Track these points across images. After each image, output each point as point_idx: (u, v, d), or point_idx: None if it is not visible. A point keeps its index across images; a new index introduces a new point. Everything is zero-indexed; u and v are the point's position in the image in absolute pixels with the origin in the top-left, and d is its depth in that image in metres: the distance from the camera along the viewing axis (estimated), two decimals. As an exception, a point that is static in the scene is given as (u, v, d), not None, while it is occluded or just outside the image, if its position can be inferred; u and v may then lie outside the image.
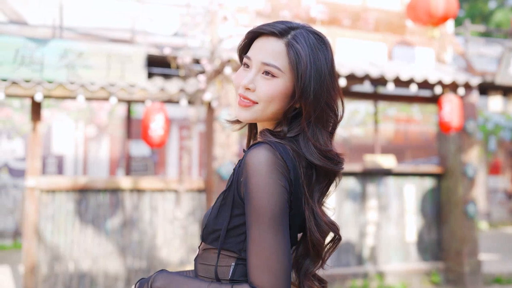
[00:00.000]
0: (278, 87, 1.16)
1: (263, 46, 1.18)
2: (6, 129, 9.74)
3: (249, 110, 1.19)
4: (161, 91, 5.14)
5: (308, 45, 1.16)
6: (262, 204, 1.09)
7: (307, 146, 1.18)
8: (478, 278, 6.15)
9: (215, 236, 1.19)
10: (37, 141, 5.13)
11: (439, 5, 4.91)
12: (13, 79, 4.66)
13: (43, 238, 5.08)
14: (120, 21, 5.44)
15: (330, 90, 1.18)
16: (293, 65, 1.15)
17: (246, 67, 1.21)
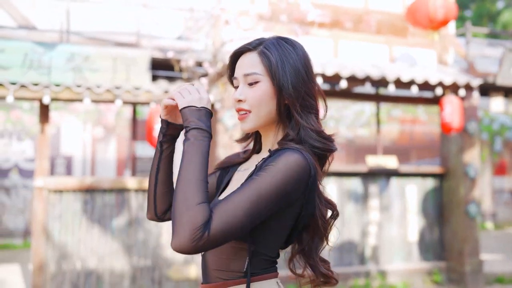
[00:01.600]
0: (262, 90, 1.32)
1: (242, 63, 1.36)
2: (16, 131, 9.93)
3: (247, 121, 1.34)
4: (165, 93, 5.26)
5: (278, 48, 1.34)
6: (267, 181, 1.19)
7: (307, 133, 1.31)
8: (479, 278, 6.20)
9: None
10: (45, 142, 5.28)
11: (438, 9, 4.98)
12: (21, 82, 4.80)
13: (51, 237, 5.22)
14: (125, 25, 5.57)
15: (306, 80, 1.33)
16: (268, 67, 1.32)
17: (236, 88, 1.38)
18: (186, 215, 1.12)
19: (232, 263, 1.29)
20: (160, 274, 5.52)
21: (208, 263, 1.34)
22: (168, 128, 1.39)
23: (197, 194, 1.15)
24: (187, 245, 1.11)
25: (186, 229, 1.11)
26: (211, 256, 1.33)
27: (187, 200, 1.14)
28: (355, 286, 5.99)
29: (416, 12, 5.19)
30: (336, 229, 1.48)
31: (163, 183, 1.42)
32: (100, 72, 5.04)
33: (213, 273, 1.33)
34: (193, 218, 1.11)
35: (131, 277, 5.43)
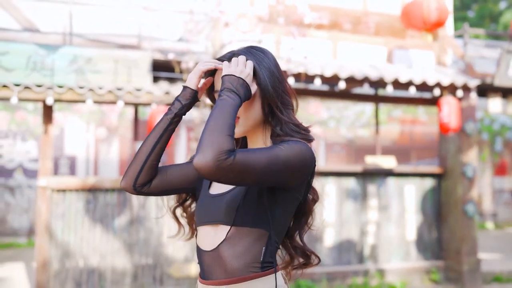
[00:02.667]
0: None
1: (220, 75, 1.44)
2: (21, 131, 10.05)
3: (237, 126, 1.41)
4: (166, 94, 5.35)
5: (251, 56, 1.44)
6: (285, 150, 1.30)
7: (289, 126, 1.41)
8: (477, 277, 6.26)
9: (245, 216, 1.34)
10: (48, 143, 5.38)
11: (431, 12, 5.05)
12: (25, 84, 4.91)
13: (54, 235, 5.32)
14: (127, 27, 5.67)
15: (281, 80, 1.45)
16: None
17: None
18: (215, 138, 1.19)
19: (249, 255, 1.34)
20: (161, 272, 5.61)
21: (224, 255, 1.35)
22: (192, 97, 1.43)
23: (227, 127, 1.23)
24: (211, 164, 1.17)
25: (213, 149, 1.17)
26: (226, 249, 1.35)
27: (218, 127, 1.21)
28: (354, 284, 6.06)
29: (410, 14, 5.27)
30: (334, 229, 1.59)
31: (155, 155, 1.43)
32: (102, 73, 5.14)
33: (228, 268, 1.34)
34: (221, 143, 1.19)
35: (132, 275, 5.52)
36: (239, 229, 1.35)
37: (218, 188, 1.45)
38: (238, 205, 1.35)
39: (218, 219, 1.38)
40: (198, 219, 1.45)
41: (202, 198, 1.46)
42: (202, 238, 1.42)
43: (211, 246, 1.38)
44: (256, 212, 1.35)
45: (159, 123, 1.43)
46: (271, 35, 5.42)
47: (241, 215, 1.34)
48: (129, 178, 1.44)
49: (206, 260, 1.39)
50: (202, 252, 1.41)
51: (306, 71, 5.40)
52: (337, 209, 6.28)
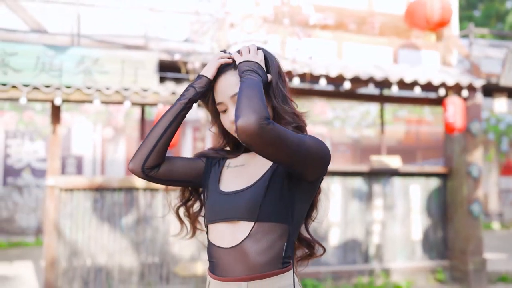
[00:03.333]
0: None
1: (222, 86, 1.43)
2: (29, 131, 10.15)
3: None
4: (172, 94, 5.40)
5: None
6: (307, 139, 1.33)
7: (293, 117, 1.44)
8: (482, 276, 6.26)
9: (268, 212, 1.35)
10: (56, 143, 5.45)
11: (435, 11, 5.07)
12: (34, 84, 4.97)
13: (62, 234, 5.39)
14: (133, 28, 5.73)
15: (283, 75, 1.49)
16: None
17: (223, 112, 1.45)
18: (257, 105, 1.21)
19: (272, 252, 1.35)
20: (168, 270, 5.66)
21: (248, 252, 1.35)
22: (207, 86, 1.43)
23: (263, 99, 1.26)
24: (254, 126, 1.19)
25: (256, 113, 1.20)
26: (250, 246, 1.35)
27: (255, 97, 1.24)
28: (359, 284, 6.09)
29: (414, 14, 5.28)
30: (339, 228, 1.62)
31: (166, 138, 1.43)
32: (109, 74, 5.19)
33: (251, 264, 1.35)
34: (263, 110, 1.22)
35: (139, 274, 5.58)
36: (263, 225, 1.35)
37: (231, 185, 1.45)
38: (261, 201, 1.35)
39: (237, 216, 1.38)
40: (211, 216, 1.44)
41: (213, 195, 1.46)
42: (217, 235, 1.41)
43: (232, 243, 1.37)
44: (278, 208, 1.36)
45: (171, 108, 1.45)
46: (276, 35, 5.45)
47: (265, 211, 1.35)
48: (138, 159, 1.43)
49: (224, 257, 1.38)
50: (217, 249, 1.40)
51: (311, 72, 5.43)
52: (343, 209, 6.30)
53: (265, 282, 1.34)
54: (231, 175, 1.49)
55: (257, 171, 1.44)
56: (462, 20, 17.91)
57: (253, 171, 1.45)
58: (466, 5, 18.86)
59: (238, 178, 1.47)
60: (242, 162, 1.51)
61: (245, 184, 1.42)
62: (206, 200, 1.48)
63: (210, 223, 1.44)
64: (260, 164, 1.46)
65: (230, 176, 1.49)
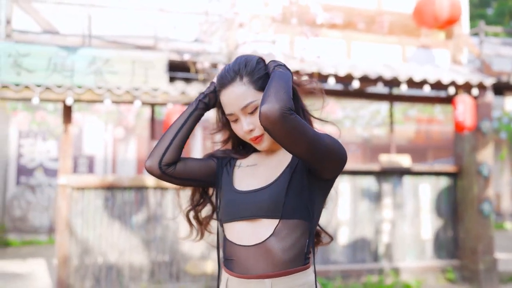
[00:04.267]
0: None
1: (230, 98, 1.44)
2: (41, 131, 10.28)
3: (263, 141, 1.46)
4: (182, 94, 5.45)
5: (253, 66, 1.46)
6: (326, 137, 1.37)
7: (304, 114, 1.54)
8: (493, 276, 6.23)
9: (292, 210, 1.38)
10: (68, 142, 5.53)
11: (444, 9, 5.04)
12: (46, 84, 5.06)
13: (74, 232, 5.47)
14: (143, 29, 5.79)
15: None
16: (256, 88, 1.43)
17: (234, 121, 1.47)
18: (283, 96, 1.26)
19: (296, 249, 1.38)
20: (178, 268, 5.71)
21: (270, 252, 1.36)
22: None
23: (290, 93, 1.30)
24: (277, 113, 1.23)
25: (281, 102, 1.24)
26: (274, 243, 1.37)
27: (283, 89, 1.28)
28: (368, 282, 6.08)
29: (423, 12, 5.26)
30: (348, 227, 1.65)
31: (182, 136, 1.47)
32: (119, 74, 5.26)
33: (275, 262, 1.36)
34: (288, 101, 1.26)
35: (150, 271, 5.64)
36: (287, 223, 1.37)
37: (246, 184, 1.47)
38: (284, 199, 1.37)
39: (259, 214, 1.39)
40: (228, 215, 1.45)
41: (228, 194, 1.48)
42: (236, 233, 1.43)
43: (254, 241, 1.39)
44: (300, 205, 1.39)
45: (189, 106, 1.50)
46: (284, 35, 5.48)
47: (288, 209, 1.37)
48: (155, 156, 1.46)
49: (245, 255, 1.39)
50: (237, 247, 1.41)
51: (320, 71, 5.45)
52: (352, 208, 6.31)
53: (289, 278, 1.36)
54: (245, 175, 1.51)
55: (274, 170, 1.47)
56: (474, 18, 17.76)
57: (268, 170, 1.48)
58: (478, 3, 18.69)
59: (252, 177, 1.49)
60: (254, 162, 1.54)
61: (262, 183, 1.44)
62: (220, 200, 1.50)
63: (227, 221, 1.46)
64: (276, 163, 1.48)
65: (243, 176, 1.51)
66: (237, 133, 1.48)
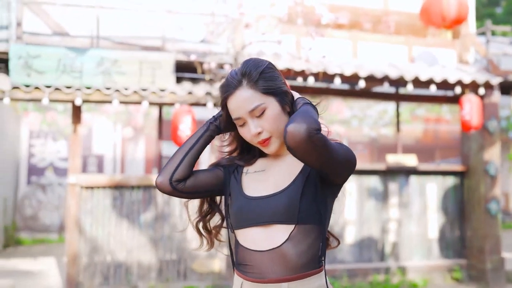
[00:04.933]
0: (274, 113, 1.45)
1: (237, 103, 1.45)
2: (52, 131, 10.41)
3: (271, 144, 1.47)
4: (189, 94, 5.52)
5: (259, 70, 1.47)
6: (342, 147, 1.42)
7: None
8: (500, 275, 6.22)
9: (307, 215, 1.41)
10: (77, 142, 5.61)
11: (451, 8, 5.05)
12: (56, 85, 5.14)
13: (83, 230, 5.55)
14: (151, 30, 5.86)
15: (278, 76, 1.52)
16: (265, 90, 1.46)
17: (241, 125, 1.49)
18: (311, 119, 1.29)
19: (311, 253, 1.41)
20: (185, 267, 5.78)
21: (286, 256, 1.39)
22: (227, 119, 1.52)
23: (317, 119, 1.35)
24: (304, 133, 1.26)
25: (308, 123, 1.27)
26: (290, 248, 1.39)
27: (312, 114, 1.34)
28: (375, 281, 6.11)
29: (430, 11, 5.27)
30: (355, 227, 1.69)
31: (193, 155, 1.50)
32: (127, 75, 5.33)
33: (291, 266, 1.39)
34: (315, 122, 1.29)
35: (157, 270, 5.71)
36: (302, 228, 1.40)
37: (256, 190, 1.49)
38: (298, 204, 1.40)
39: (274, 219, 1.41)
40: (240, 222, 1.47)
41: (238, 201, 1.49)
42: (250, 239, 1.44)
43: (268, 246, 1.40)
44: (314, 210, 1.42)
45: (198, 130, 1.55)
46: (290, 35, 5.52)
47: (303, 215, 1.40)
48: (166, 173, 1.49)
49: (259, 260, 1.41)
50: (252, 253, 1.43)
51: (326, 71, 5.48)
52: (358, 207, 6.33)
53: (305, 282, 1.39)
54: (253, 180, 1.53)
55: (284, 175, 1.48)
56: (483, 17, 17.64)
57: (278, 175, 1.49)
58: (487, 2, 18.58)
59: (262, 183, 1.50)
60: (261, 168, 1.55)
61: (273, 189, 1.46)
62: (230, 207, 1.52)
63: (240, 228, 1.48)
64: (285, 168, 1.50)
65: (252, 182, 1.53)
66: (244, 137, 1.50)
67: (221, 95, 1.49)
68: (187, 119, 5.31)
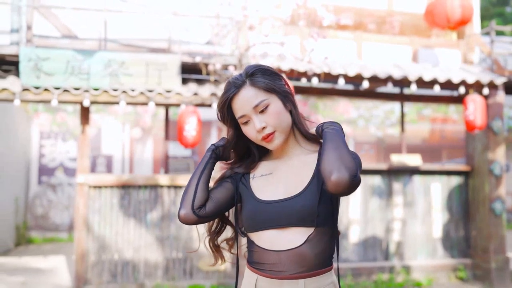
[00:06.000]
0: (276, 108, 1.51)
1: (242, 100, 1.51)
2: (62, 132, 10.58)
3: (275, 139, 1.52)
4: (194, 95, 5.61)
5: (259, 70, 1.55)
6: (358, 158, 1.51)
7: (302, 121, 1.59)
8: (505, 275, 6.23)
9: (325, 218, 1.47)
10: (86, 142, 5.73)
11: (455, 10, 5.08)
12: (64, 87, 5.27)
13: (91, 229, 5.67)
14: (157, 32, 5.96)
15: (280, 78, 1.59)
16: (266, 88, 1.52)
17: (245, 123, 1.53)
18: (349, 163, 1.36)
19: (327, 252, 1.50)
20: (191, 265, 5.87)
21: (303, 257, 1.45)
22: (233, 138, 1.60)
23: (350, 155, 1.41)
24: (348, 181, 1.33)
25: (349, 171, 1.34)
26: (308, 249, 1.45)
27: (346, 154, 1.39)
28: (379, 280, 6.15)
29: (434, 12, 5.30)
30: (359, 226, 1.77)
31: (204, 180, 1.56)
32: (134, 76, 5.44)
33: (307, 264, 1.45)
34: (354, 167, 1.36)
35: (164, 268, 5.81)
36: (320, 230, 1.46)
37: (267, 194, 1.53)
38: (317, 209, 1.45)
39: (292, 223, 1.47)
40: (256, 225, 1.51)
41: (252, 205, 1.53)
42: (267, 240, 1.49)
43: (286, 247, 1.46)
44: (330, 213, 1.49)
45: (202, 159, 1.63)
46: (294, 37, 5.58)
47: (322, 218, 1.46)
48: (186, 204, 1.54)
49: (276, 259, 1.47)
50: (269, 252, 1.48)
51: (330, 71, 5.54)
52: (362, 206, 6.38)
53: (320, 278, 1.46)
54: (263, 184, 1.57)
55: (295, 178, 1.53)
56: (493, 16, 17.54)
57: (288, 178, 1.54)
58: (496, 2, 18.47)
59: (272, 186, 1.55)
60: (268, 171, 1.60)
61: (285, 192, 1.51)
62: (242, 210, 1.57)
63: (255, 231, 1.52)
64: (295, 171, 1.55)
65: (262, 186, 1.57)
66: (249, 136, 1.54)
67: (225, 95, 1.53)
68: (192, 119, 5.40)
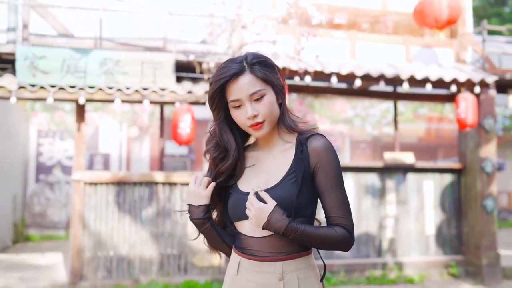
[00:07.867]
0: (270, 99, 1.55)
1: (240, 85, 1.53)
2: (59, 131, 10.65)
3: (263, 128, 1.55)
4: (189, 93, 5.68)
5: (260, 61, 1.58)
6: (340, 173, 1.58)
7: (290, 116, 1.63)
8: (496, 271, 6.30)
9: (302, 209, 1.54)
10: (82, 140, 5.80)
11: (443, 10, 5.15)
12: (60, 85, 5.34)
13: (87, 225, 5.74)
14: (153, 31, 6.04)
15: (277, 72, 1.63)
16: (265, 79, 1.56)
17: (237, 107, 1.55)
18: (338, 240, 1.54)
19: None
20: (186, 261, 5.94)
21: (280, 242, 1.53)
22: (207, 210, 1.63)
23: (335, 237, 1.55)
24: (352, 244, 1.58)
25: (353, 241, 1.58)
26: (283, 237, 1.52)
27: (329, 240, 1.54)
28: (372, 277, 6.22)
29: (423, 12, 5.38)
30: None
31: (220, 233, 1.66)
32: (129, 75, 5.52)
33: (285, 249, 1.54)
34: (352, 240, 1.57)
35: (159, 264, 5.88)
36: (298, 220, 1.52)
37: (251, 185, 1.58)
38: (295, 200, 1.51)
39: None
40: (237, 215, 1.58)
41: (234, 196, 1.60)
42: (247, 228, 1.57)
43: (266, 233, 1.53)
44: (307, 204, 1.56)
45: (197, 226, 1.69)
46: (286, 36, 5.66)
47: (299, 209, 1.52)
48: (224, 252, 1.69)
49: (257, 244, 1.55)
50: (250, 238, 1.56)
51: (323, 70, 5.61)
52: (356, 204, 6.45)
53: (297, 261, 1.54)
54: (248, 176, 1.62)
55: (275, 169, 1.57)
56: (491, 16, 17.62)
57: (269, 169, 1.59)
58: (494, 2, 18.55)
59: (254, 177, 1.60)
60: (251, 162, 1.64)
61: (267, 183, 1.56)
62: (228, 202, 1.62)
63: (237, 220, 1.60)
64: (274, 162, 1.59)
65: (247, 177, 1.62)
66: (237, 120, 1.56)
67: (223, 75, 1.53)
68: (186, 117, 5.48)
